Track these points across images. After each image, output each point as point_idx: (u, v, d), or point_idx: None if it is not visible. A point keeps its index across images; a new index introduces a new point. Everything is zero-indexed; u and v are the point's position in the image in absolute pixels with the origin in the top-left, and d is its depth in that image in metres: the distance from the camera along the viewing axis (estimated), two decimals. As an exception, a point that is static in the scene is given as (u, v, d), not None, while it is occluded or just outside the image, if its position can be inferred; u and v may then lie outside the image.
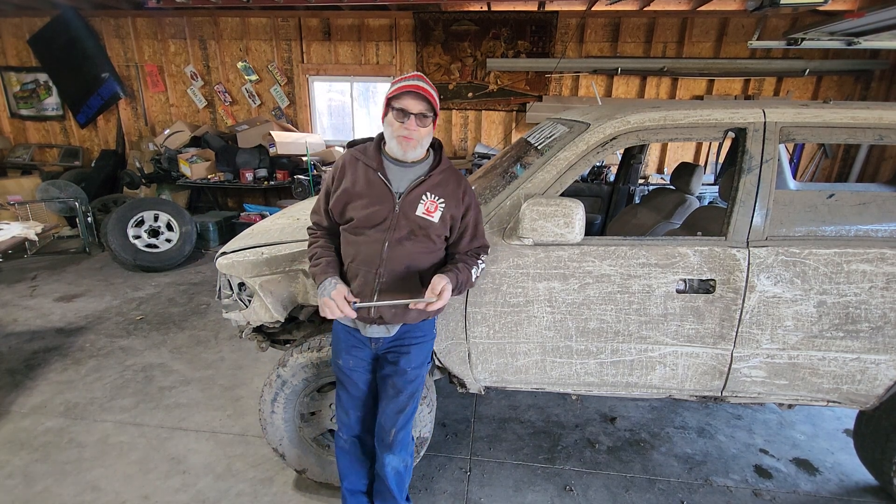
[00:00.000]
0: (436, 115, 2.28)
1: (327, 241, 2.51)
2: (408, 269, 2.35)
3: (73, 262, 7.62)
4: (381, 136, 2.43)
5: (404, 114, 2.21)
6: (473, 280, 2.44)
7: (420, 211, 2.31)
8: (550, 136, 3.19)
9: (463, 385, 3.17)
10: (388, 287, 2.34)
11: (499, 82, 8.87)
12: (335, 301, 2.23)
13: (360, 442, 2.69)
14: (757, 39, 7.05)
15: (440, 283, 2.25)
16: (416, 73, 2.30)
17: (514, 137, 9.02)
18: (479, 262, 2.47)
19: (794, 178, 7.68)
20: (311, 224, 2.61)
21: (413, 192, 2.33)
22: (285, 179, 8.64)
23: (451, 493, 3.24)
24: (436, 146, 2.48)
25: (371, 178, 2.34)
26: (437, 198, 2.34)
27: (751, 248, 2.68)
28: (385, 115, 2.30)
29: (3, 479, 3.26)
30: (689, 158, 8.98)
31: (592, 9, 8.05)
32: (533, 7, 8.41)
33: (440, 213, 2.33)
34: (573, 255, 2.76)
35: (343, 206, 2.38)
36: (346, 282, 2.40)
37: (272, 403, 3.00)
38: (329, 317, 2.27)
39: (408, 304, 2.31)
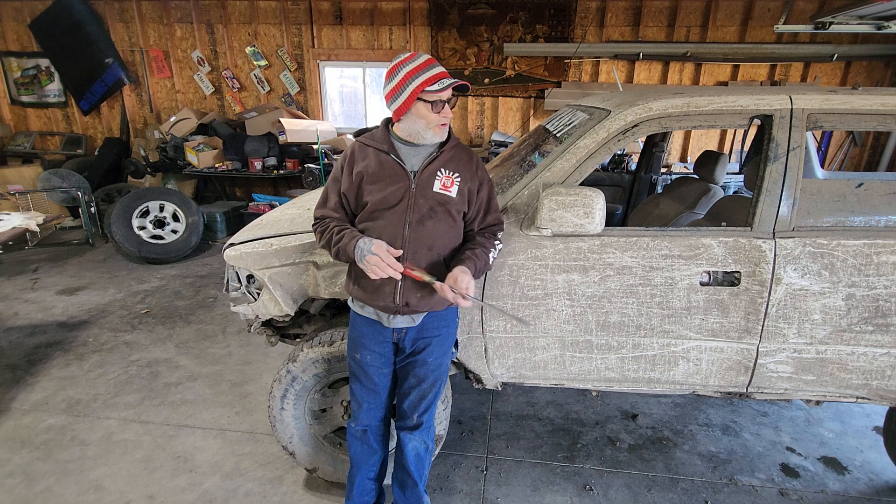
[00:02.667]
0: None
1: (338, 221, 2.45)
2: (431, 249, 2.32)
3: (75, 253, 7.60)
4: (387, 120, 2.43)
5: (441, 103, 2.23)
6: (490, 263, 2.43)
7: (437, 187, 2.31)
8: (570, 124, 3.14)
9: (479, 381, 3.11)
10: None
11: (516, 68, 8.77)
12: (379, 255, 2.17)
13: (371, 432, 2.67)
14: (783, 23, 6.94)
15: (464, 279, 2.21)
16: (427, 56, 2.25)
17: (532, 125, 8.96)
18: (496, 242, 2.47)
19: (822, 166, 7.57)
20: (315, 221, 2.53)
21: (427, 169, 2.32)
22: (295, 168, 8.59)
23: (467, 492, 3.20)
24: None
25: (383, 160, 2.34)
26: (451, 173, 2.34)
27: (777, 239, 2.62)
28: (409, 105, 2.23)
29: (3, 478, 3.23)
30: (713, 146, 8.91)
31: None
32: (551, -11, 8.32)
33: (457, 187, 2.34)
34: (593, 246, 2.70)
35: (357, 190, 2.37)
36: (362, 273, 2.34)
37: (282, 400, 2.97)
38: (378, 276, 2.20)
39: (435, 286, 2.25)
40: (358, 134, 2.48)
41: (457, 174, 2.33)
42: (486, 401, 4.09)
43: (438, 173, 2.31)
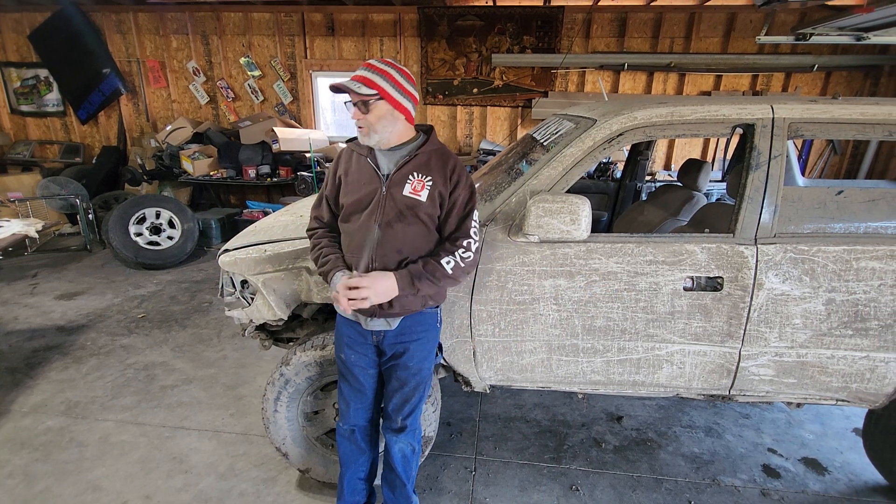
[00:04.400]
0: (383, 96, 2.21)
1: (329, 238, 2.53)
2: (400, 253, 2.32)
3: (74, 259, 7.62)
4: None
5: (351, 105, 2.25)
6: (448, 271, 2.30)
7: (407, 191, 2.29)
8: (556, 133, 3.17)
9: (468, 384, 3.15)
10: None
11: (504, 78, 8.82)
12: (340, 293, 2.24)
13: (359, 431, 2.70)
14: (765, 35, 7.00)
15: (363, 281, 2.25)
16: (366, 62, 2.28)
17: (520, 134, 9.01)
18: (458, 250, 2.33)
19: (803, 174, 7.64)
20: (310, 224, 2.62)
21: (399, 172, 2.32)
22: (288, 176, 8.61)
23: (456, 492, 3.22)
24: (426, 129, 2.45)
25: (361, 164, 2.38)
26: (423, 176, 2.31)
27: (759, 246, 2.67)
28: None
29: (3, 478, 3.25)
30: (696, 155, 8.96)
31: (599, 3, 8.01)
32: (539, 2, 8.38)
33: (427, 191, 2.30)
34: (579, 252, 2.74)
35: (337, 193, 2.45)
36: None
37: (275, 402, 2.99)
38: (343, 313, 2.32)
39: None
40: (350, 140, 2.50)
41: (429, 178, 2.30)
42: (474, 403, 4.12)
43: (410, 177, 2.30)
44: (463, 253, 2.34)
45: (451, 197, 2.34)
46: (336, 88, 2.23)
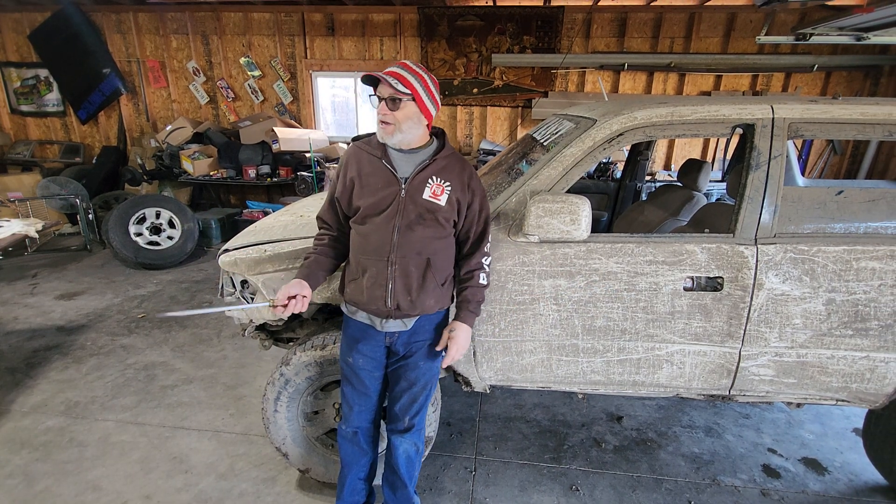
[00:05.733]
0: (415, 97, 2.25)
1: (326, 243, 2.56)
2: (419, 255, 2.35)
3: (74, 259, 7.62)
4: None
5: (380, 100, 2.25)
6: (486, 284, 2.53)
7: (427, 194, 2.32)
8: (556, 133, 3.17)
9: (468, 384, 3.14)
10: (401, 274, 2.34)
11: (504, 78, 8.83)
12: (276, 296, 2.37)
13: (361, 433, 2.69)
14: (765, 35, 6.98)
15: (460, 334, 2.46)
16: (401, 61, 2.31)
17: (520, 134, 9.02)
18: (484, 258, 2.52)
19: (803, 174, 7.64)
20: (318, 227, 2.65)
21: (418, 176, 2.34)
22: (288, 176, 8.63)
23: (456, 492, 3.23)
24: (438, 134, 2.49)
25: (376, 165, 2.37)
26: (442, 181, 2.35)
27: (759, 246, 2.66)
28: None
29: (3, 478, 3.25)
30: (696, 155, 8.97)
31: (599, 3, 8.01)
32: (539, 2, 8.39)
33: (447, 195, 2.35)
34: (579, 252, 2.74)
35: (350, 195, 2.42)
36: (354, 277, 2.45)
37: (275, 402, 2.99)
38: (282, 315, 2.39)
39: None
40: (356, 139, 2.48)
41: (447, 183, 2.34)
42: (474, 403, 4.12)
43: (429, 181, 2.33)
44: (486, 259, 2.53)
45: (472, 207, 2.44)
46: (370, 79, 2.25)
